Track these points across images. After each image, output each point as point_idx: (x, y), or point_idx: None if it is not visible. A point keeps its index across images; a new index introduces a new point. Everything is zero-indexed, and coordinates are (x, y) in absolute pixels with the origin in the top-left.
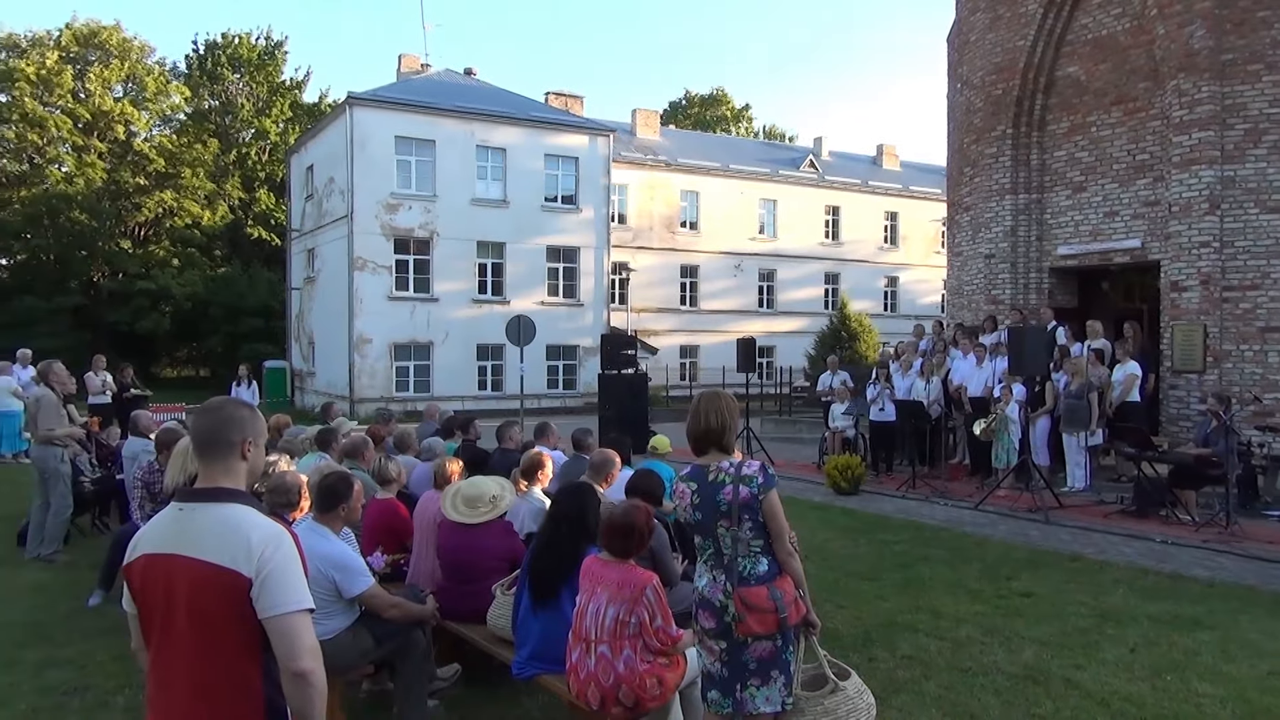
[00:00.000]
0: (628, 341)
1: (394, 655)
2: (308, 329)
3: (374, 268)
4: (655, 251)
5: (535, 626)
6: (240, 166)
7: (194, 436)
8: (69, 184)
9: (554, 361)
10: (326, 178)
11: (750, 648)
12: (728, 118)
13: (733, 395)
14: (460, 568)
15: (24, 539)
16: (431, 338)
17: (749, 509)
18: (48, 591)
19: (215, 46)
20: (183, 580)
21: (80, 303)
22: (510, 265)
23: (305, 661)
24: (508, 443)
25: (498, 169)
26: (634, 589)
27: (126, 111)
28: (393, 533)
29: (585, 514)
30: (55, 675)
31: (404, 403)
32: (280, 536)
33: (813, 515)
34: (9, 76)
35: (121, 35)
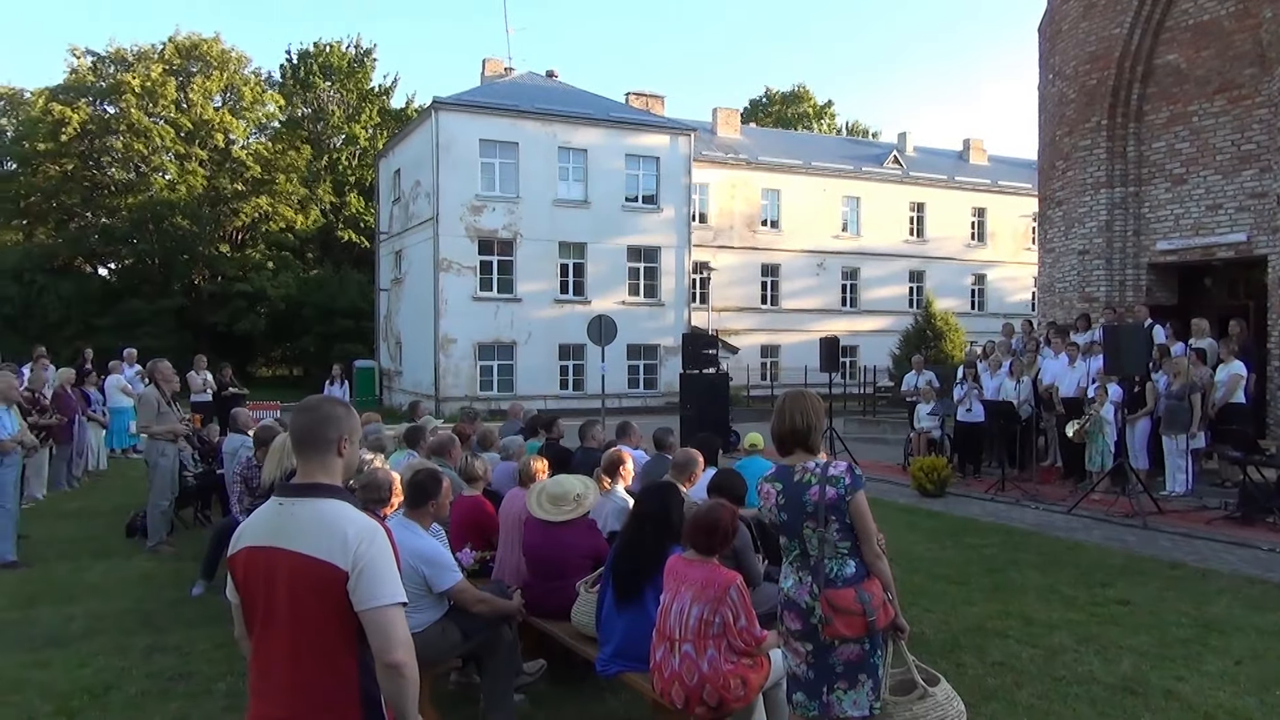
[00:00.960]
0: (709, 341)
1: (481, 649)
2: (395, 329)
3: (459, 269)
4: (736, 250)
5: (619, 624)
6: (331, 171)
7: (293, 434)
8: (172, 191)
9: (635, 361)
10: (413, 181)
11: (837, 650)
12: (809, 115)
13: (818, 395)
14: (545, 565)
15: (132, 530)
16: (514, 338)
17: (836, 510)
18: (154, 581)
19: (308, 55)
20: (283, 572)
21: (182, 305)
22: (591, 265)
23: (399, 654)
24: (590, 441)
25: (579, 170)
26: (718, 588)
27: (225, 120)
28: (479, 529)
29: (669, 513)
30: (162, 661)
31: (487, 402)
32: (375, 531)
33: (898, 517)
34: (117, 89)
35: (221, 47)
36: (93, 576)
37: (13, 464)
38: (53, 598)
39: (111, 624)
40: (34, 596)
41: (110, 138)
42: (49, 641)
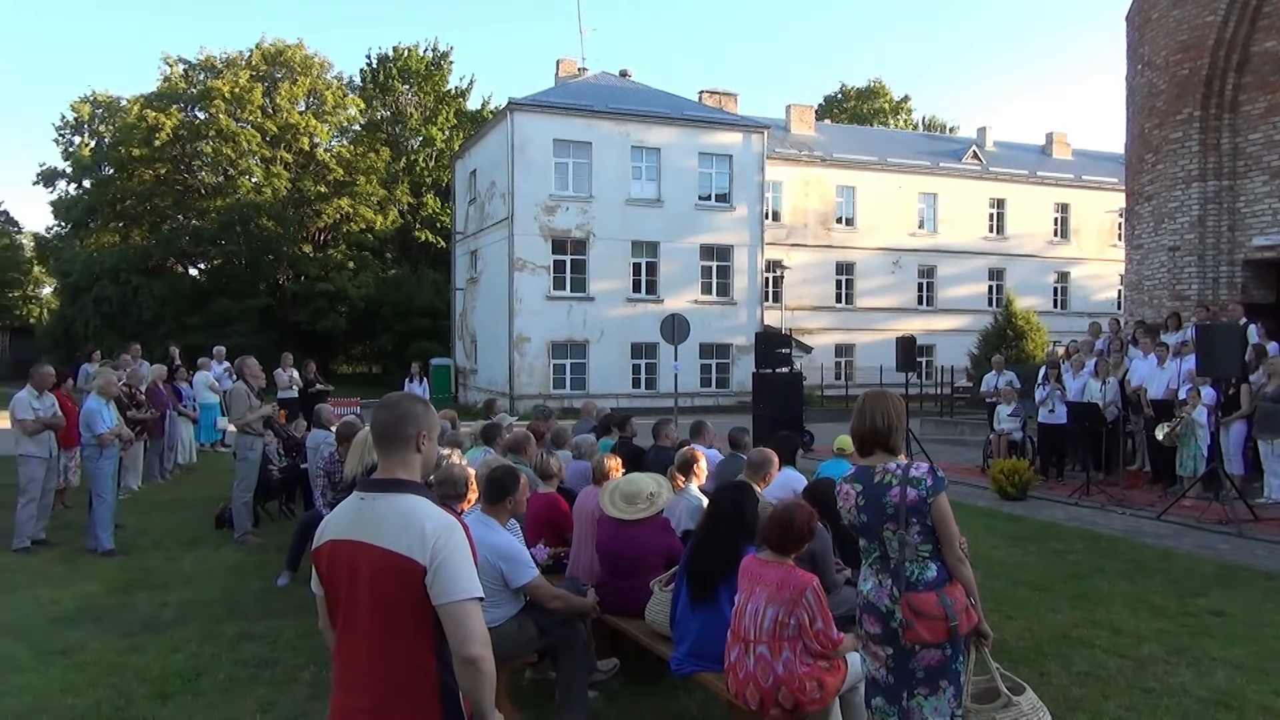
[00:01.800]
0: (782, 340)
1: (556, 645)
2: (470, 328)
3: (533, 268)
4: (810, 249)
5: (693, 624)
6: (409, 173)
7: (373, 430)
8: (258, 193)
9: (707, 360)
10: (488, 182)
11: (918, 655)
12: (885, 110)
13: (898, 395)
14: (619, 563)
15: (221, 522)
16: (587, 336)
17: (917, 512)
18: (242, 571)
19: (387, 60)
20: (364, 565)
21: (268, 304)
22: (664, 264)
23: (475, 648)
24: (663, 440)
25: (652, 169)
26: (794, 590)
27: (309, 124)
28: (554, 526)
29: (744, 512)
30: (249, 649)
31: (560, 400)
32: (452, 527)
33: (977, 521)
34: (207, 95)
35: (304, 53)
36: (184, 566)
37: (111, 456)
38: (148, 585)
39: (202, 611)
40: (130, 584)
41: (200, 142)
42: (144, 627)
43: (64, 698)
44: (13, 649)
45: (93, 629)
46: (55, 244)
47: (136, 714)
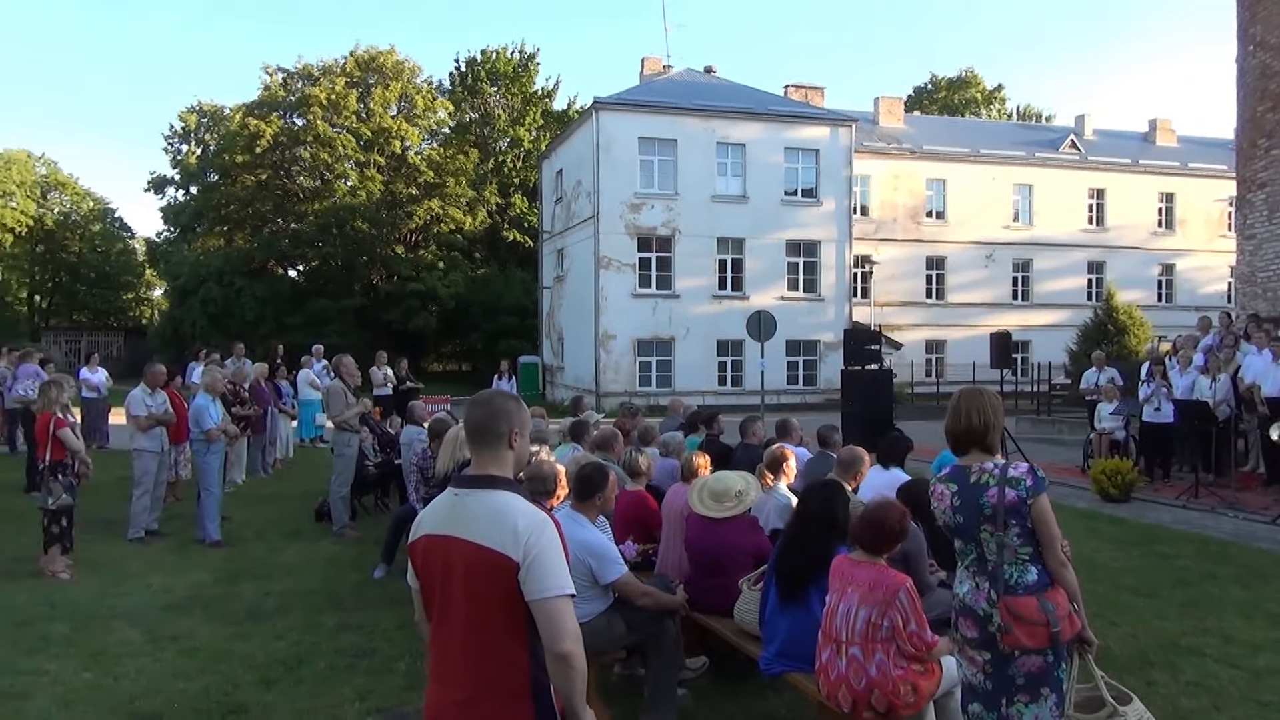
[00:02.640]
0: (872, 336)
1: (645, 642)
2: (557, 326)
3: (618, 266)
4: (899, 243)
5: (783, 624)
6: (497, 174)
7: (467, 426)
8: (353, 196)
9: (794, 357)
10: (575, 181)
11: (1018, 661)
12: (978, 100)
13: (996, 393)
14: (707, 561)
15: (320, 515)
16: (673, 333)
17: (1016, 513)
18: (340, 563)
19: (475, 63)
20: (459, 560)
21: (362, 303)
22: (750, 260)
23: (567, 644)
24: (751, 438)
25: (737, 165)
26: (886, 591)
27: (401, 128)
28: (642, 523)
29: (835, 512)
30: (348, 639)
31: (646, 397)
32: (544, 523)
33: (1077, 523)
34: (305, 103)
35: (396, 58)
36: (286, 557)
37: (217, 451)
38: (252, 575)
39: (302, 601)
40: (236, 574)
41: (298, 148)
42: (249, 616)
43: (175, 682)
44: (130, 634)
45: (202, 616)
46: (165, 248)
47: (242, 699)
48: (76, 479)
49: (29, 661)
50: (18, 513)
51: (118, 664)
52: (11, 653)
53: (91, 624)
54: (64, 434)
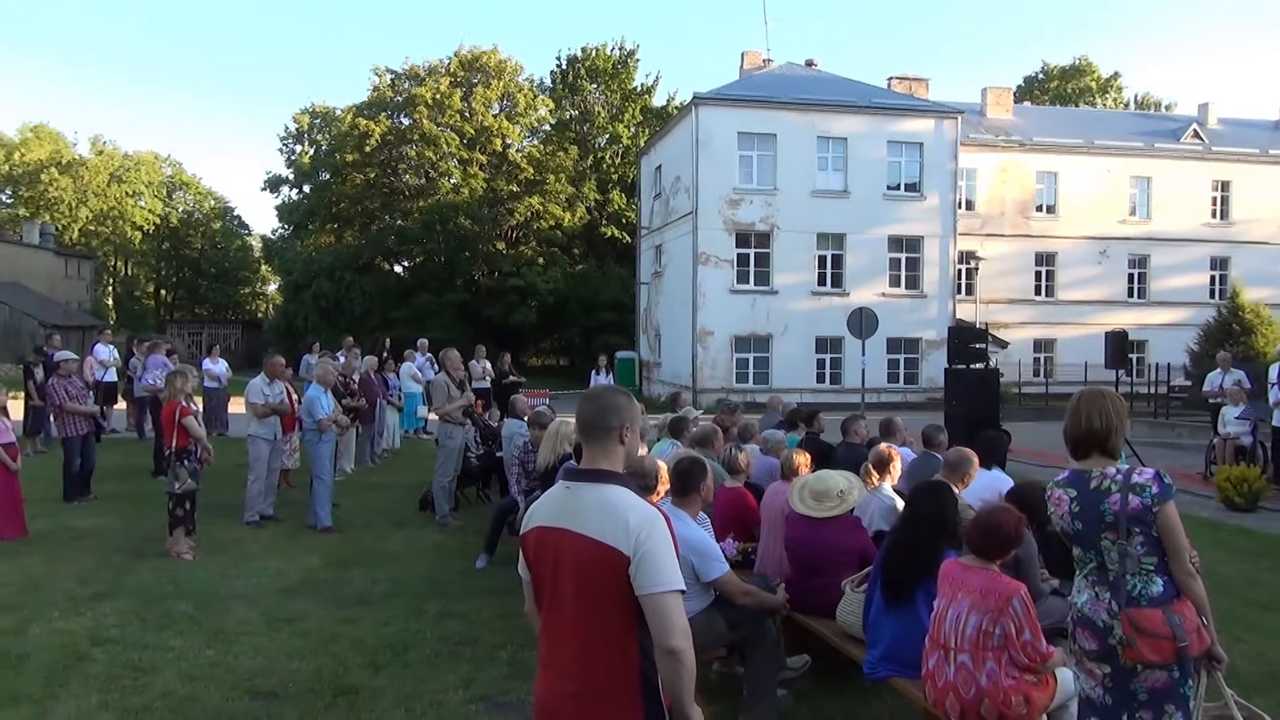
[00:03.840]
0: (977, 334)
1: (745, 641)
2: (654, 322)
3: (716, 262)
4: (1007, 238)
5: (888, 627)
6: (596, 170)
7: (578, 421)
8: (456, 194)
9: (895, 355)
10: (673, 176)
11: (1140, 676)
12: (1092, 89)
13: (1118, 395)
14: (808, 561)
15: (424, 505)
16: (771, 330)
17: (1140, 521)
18: (444, 552)
19: (575, 60)
20: (569, 553)
21: (464, 299)
22: (850, 256)
23: (677, 640)
24: (853, 437)
25: (838, 159)
26: (999, 598)
27: (502, 126)
28: (742, 521)
29: (945, 514)
30: (451, 626)
31: (743, 394)
32: (655, 519)
33: (1201, 532)
34: (411, 103)
35: (499, 57)
36: (392, 544)
37: (329, 440)
38: (361, 561)
39: (408, 588)
40: (345, 559)
41: (405, 147)
42: (358, 600)
43: (290, 662)
44: (248, 615)
45: (314, 599)
46: (279, 245)
47: (352, 681)
48: (200, 464)
49: (156, 637)
50: (145, 496)
51: (236, 643)
52: (140, 629)
53: (212, 603)
54: (188, 422)
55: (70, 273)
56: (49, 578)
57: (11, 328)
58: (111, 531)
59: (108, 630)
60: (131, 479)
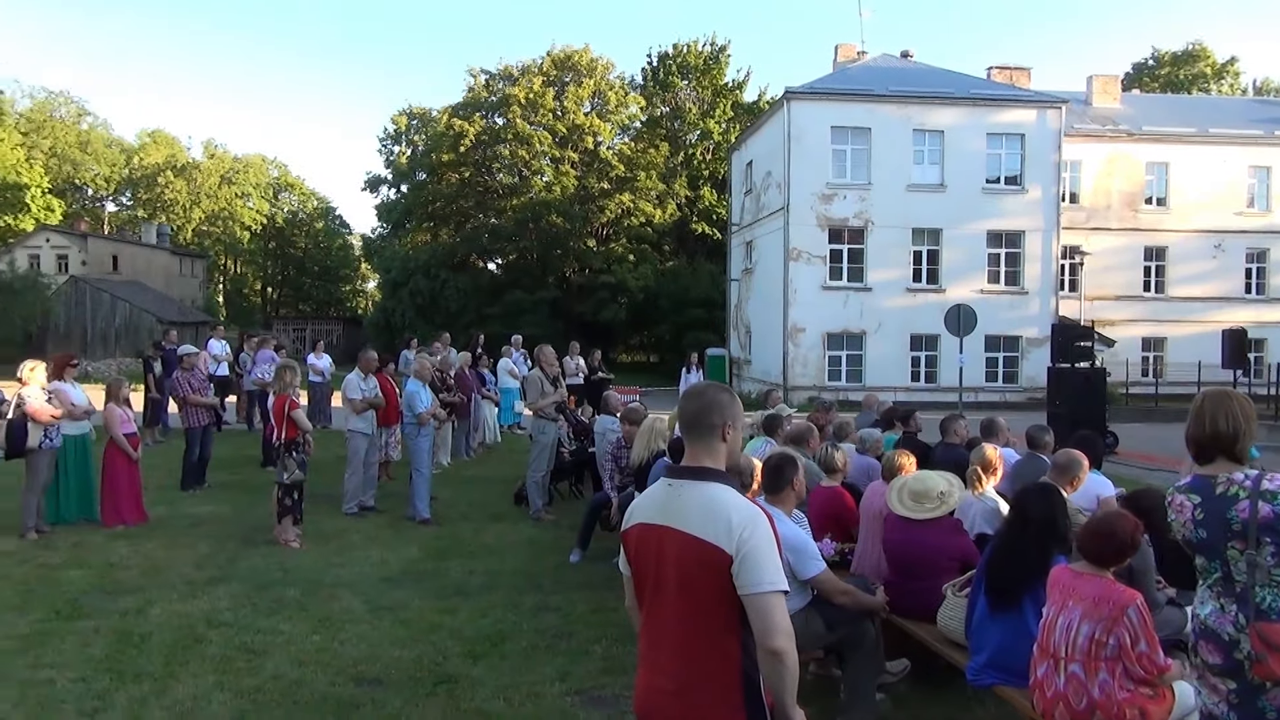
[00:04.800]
0: (1083, 332)
1: (843, 642)
2: (745, 318)
3: (808, 258)
4: (1113, 232)
5: (993, 633)
6: (686, 166)
7: (680, 418)
8: (548, 192)
9: (993, 353)
10: (764, 172)
11: (1269, 694)
12: (1207, 75)
13: (1246, 397)
14: (906, 563)
15: (519, 499)
16: (864, 327)
17: (1271, 531)
18: (538, 545)
19: (667, 57)
20: (671, 550)
21: (556, 295)
22: (947, 252)
23: (779, 640)
24: (952, 437)
25: (935, 152)
26: (1114, 607)
27: (594, 124)
28: (838, 521)
29: (1055, 518)
30: (546, 619)
31: (835, 392)
32: (758, 518)
33: None
34: (505, 102)
35: (590, 56)
36: (488, 537)
37: (428, 434)
38: (458, 553)
39: (504, 581)
40: (444, 551)
41: (499, 146)
42: (456, 591)
43: (392, 649)
44: (352, 603)
45: (414, 589)
46: (378, 243)
47: (452, 670)
48: (307, 456)
49: (267, 621)
50: (255, 485)
51: (342, 629)
52: (252, 613)
53: (318, 590)
54: (297, 414)
55: (184, 271)
56: (168, 562)
57: (131, 324)
58: (224, 519)
59: (222, 613)
60: (242, 469)
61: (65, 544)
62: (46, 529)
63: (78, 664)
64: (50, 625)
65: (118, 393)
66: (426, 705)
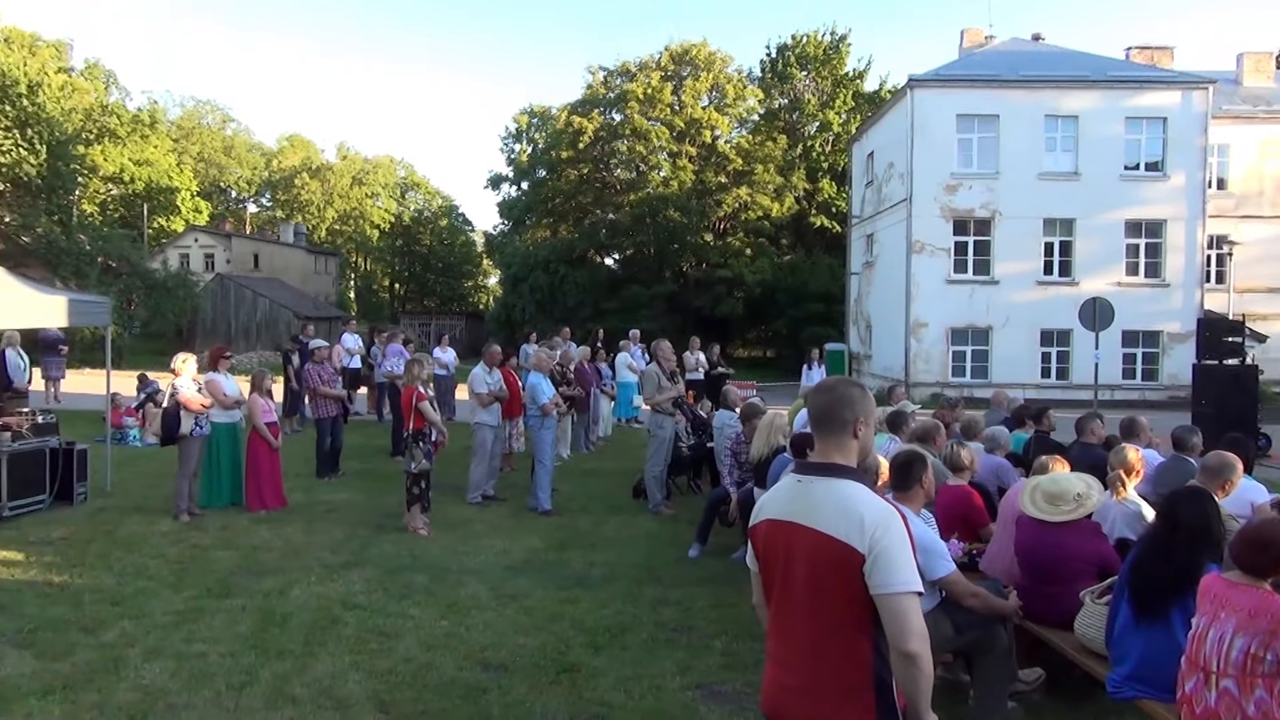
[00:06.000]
0: (1232, 327)
1: (973, 647)
2: (865, 313)
3: (931, 251)
4: (1267, 221)
5: (1137, 644)
6: (805, 159)
7: (811, 414)
8: (665, 186)
9: (1130, 349)
10: (886, 163)
11: None
12: None
13: None
14: (1040, 567)
15: (637, 492)
16: (990, 322)
17: None
18: (657, 539)
19: (785, 48)
20: (801, 547)
21: (673, 290)
22: (1080, 243)
23: (913, 643)
24: (1088, 436)
25: (1068, 139)
26: (1273, 620)
27: (711, 118)
28: (966, 521)
29: (1209, 524)
30: (666, 613)
31: (959, 388)
32: (891, 517)
33: None
34: (623, 98)
35: (708, 50)
36: (607, 530)
37: (551, 426)
38: (578, 545)
39: (624, 573)
40: (564, 542)
41: (616, 142)
42: (577, 582)
43: (516, 637)
44: (477, 590)
45: (536, 579)
46: (500, 240)
47: (574, 660)
48: (435, 447)
49: (397, 605)
50: (385, 474)
51: (468, 616)
52: (384, 597)
53: (446, 577)
54: (424, 407)
55: (319, 269)
56: (306, 546)
57: (270, 318)
58: (356, 506)
59: (356, 596)
60: (372, 458)
61: (214, 526)
62: (198, 512)
63: (226, 640)
64: (202, 602)
65: (260, 384)
66: (550, 693)
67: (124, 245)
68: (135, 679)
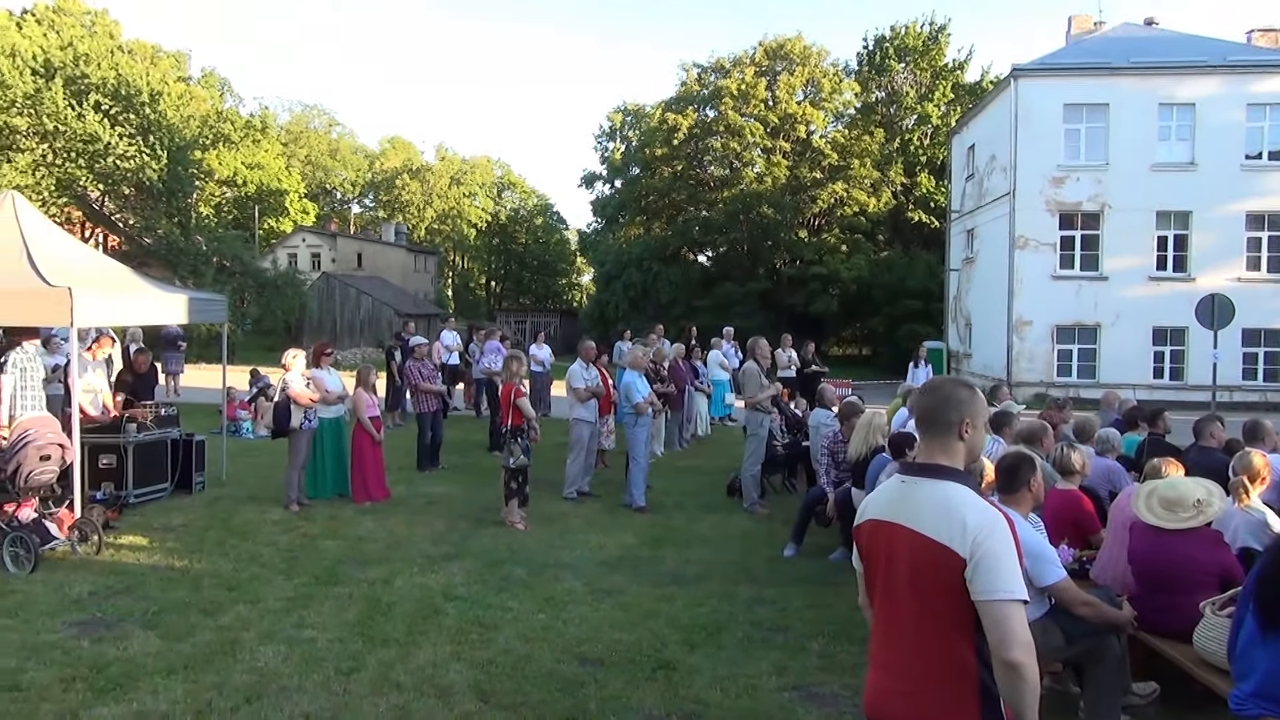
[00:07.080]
0: None
1: (1084, 658)
2: (965, 310)
3: (1036, 245)
4: None
5: (1263, 659)
6: (903, 153)
7: (915, 413)
8: (759, 183)
9: (1253, 348)
10: (988, 156)
11: None
12: None
13: None
14: (1156, 576)
15: (731, 490)
16: (1098, 319)
17: None
18: (752, 538)
19: (883, 41)
20: (904, 549)
21: (766, 287)
22: (1197, 236)
23: (1017, 653)
24: (1208, 440)
25: (1184, 128)
26: None
27: (806, 113)
28: (1076, 526)
29: None
30: (761, 612)
31: (1065, 388)
32: (996, 521)
33: None
34: (717, 95)
35: (803, 44)
36: (702, 528)
37: (645, 423)
38: (673, 542)
39: (719, 571)
40: (659, 539)
41: (710, 139)
42: (672, 580)
43: (611, 632)
44: (573, 585)
45: (631, 575)
46: (593, 238)
47: (669, 657)
48: (531, 442)
49: (496, 598)
50: (483, 469)
51: (564, 610)
52: (483, 589)
53: (543, 571)
54: (522, 403)
55: (418, 267)
56: (409, 537)
57: (373, 316)
58: (456, 499)
59: (456, 588)
60: (470, 453)
61: (322, 516)
62: (307, 502)
63: (334, 626)
64: (311, 590)
65: (366, 379)
66: (645, 689)
67: (237, 245)
68: (250, 661)
